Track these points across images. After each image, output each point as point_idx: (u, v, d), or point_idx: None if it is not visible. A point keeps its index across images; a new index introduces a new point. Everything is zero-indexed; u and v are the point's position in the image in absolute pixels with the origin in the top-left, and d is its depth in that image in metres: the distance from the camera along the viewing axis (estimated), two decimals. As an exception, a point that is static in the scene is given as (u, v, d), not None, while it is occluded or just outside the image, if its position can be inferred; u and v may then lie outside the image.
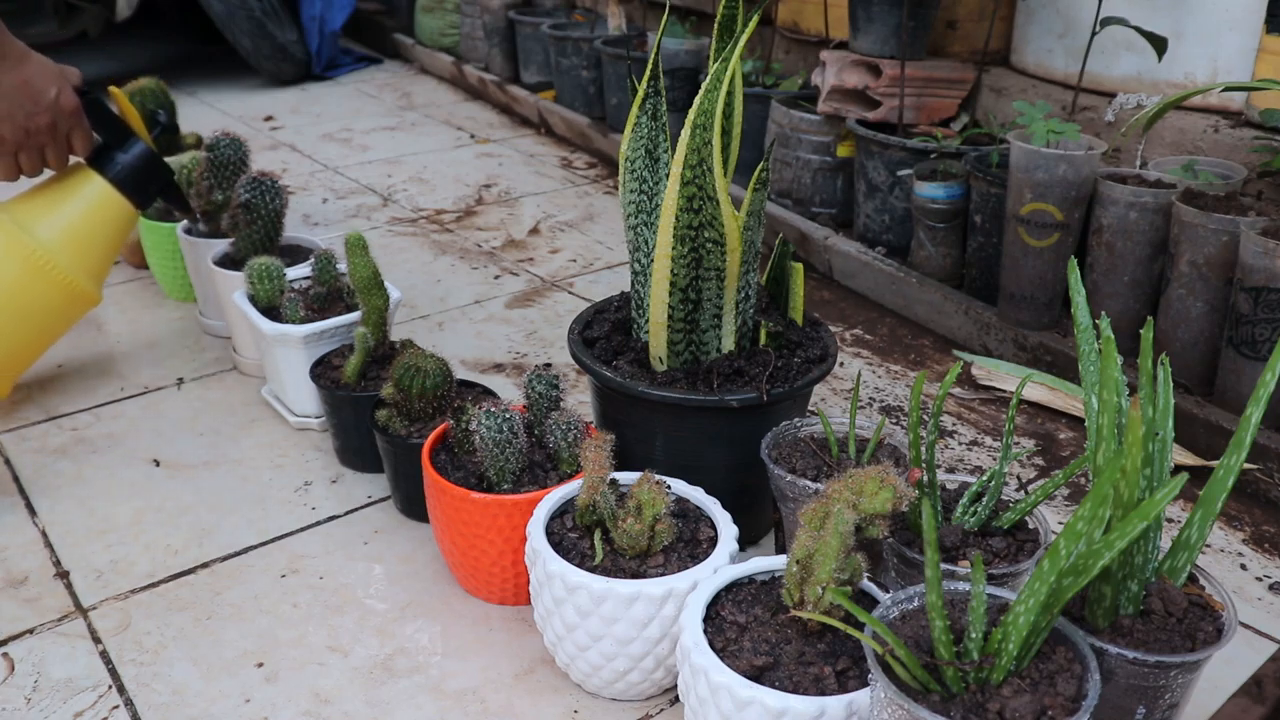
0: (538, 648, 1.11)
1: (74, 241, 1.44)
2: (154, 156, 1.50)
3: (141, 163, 1.48)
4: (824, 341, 1.25)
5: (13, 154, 1.36)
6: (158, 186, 1.52)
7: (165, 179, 1.53)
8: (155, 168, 1.50)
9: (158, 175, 1.51)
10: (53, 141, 1.38)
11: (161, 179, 1.52)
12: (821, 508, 0.85)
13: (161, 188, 1.53)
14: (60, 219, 1.43)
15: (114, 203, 1.47)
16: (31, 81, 1.32)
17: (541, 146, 2.96)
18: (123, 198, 1.47)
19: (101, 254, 1.48)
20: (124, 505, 1.35)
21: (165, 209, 1.86)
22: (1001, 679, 0.75)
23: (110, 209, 1.47)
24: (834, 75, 2.07)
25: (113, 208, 1.47)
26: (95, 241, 1.47)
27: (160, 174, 1.51)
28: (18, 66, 1.31)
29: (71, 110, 1.37)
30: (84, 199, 1.45)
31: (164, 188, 1.54)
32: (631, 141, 1.17)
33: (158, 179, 1.51)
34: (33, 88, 1.32)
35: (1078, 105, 1.87)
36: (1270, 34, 1.69)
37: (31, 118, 1.33)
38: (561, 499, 1.09)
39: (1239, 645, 1.12)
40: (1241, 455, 0.83)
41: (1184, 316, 1.50)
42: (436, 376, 1.26)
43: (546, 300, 1.97)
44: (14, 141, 1.34)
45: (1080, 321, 0.91)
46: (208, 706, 1.04)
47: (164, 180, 1.53)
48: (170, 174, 1.53)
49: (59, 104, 1.35)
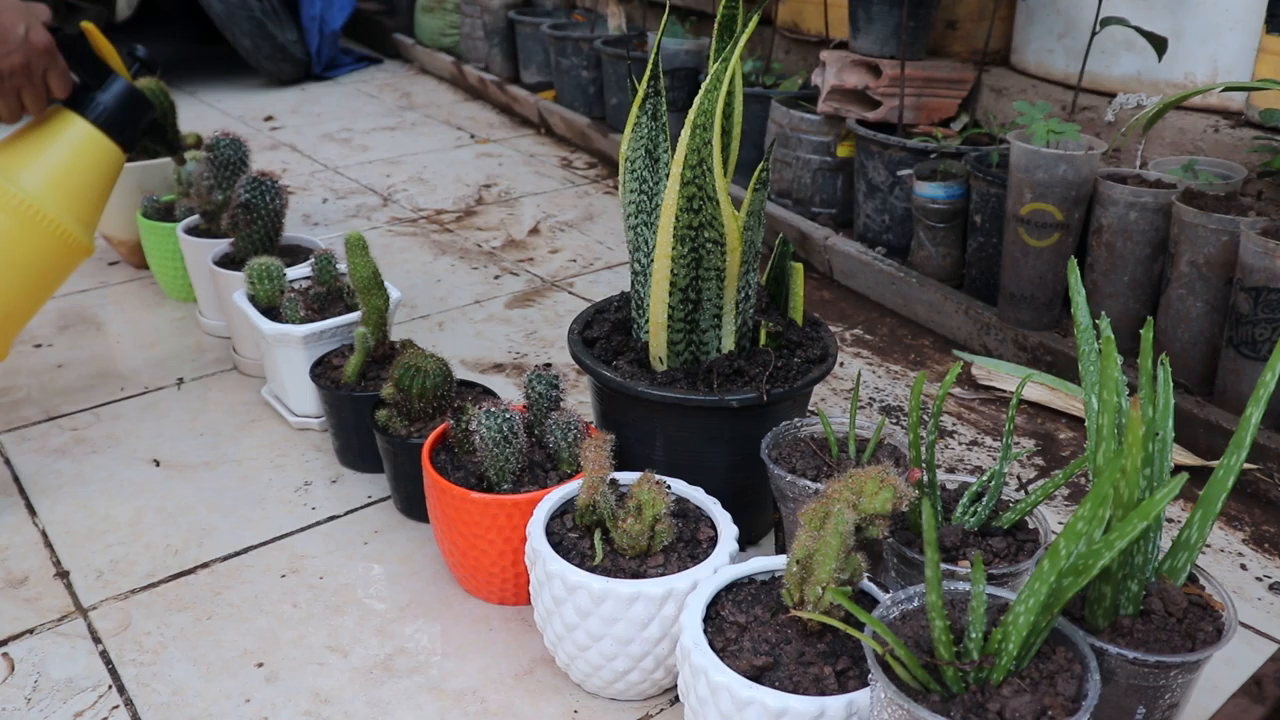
0: (538, 648, 1.11)
1: (62, 189, 1.36)
2: (136, 93, 1.42)
3: (124, 101, 1.40)
4: (824, 341, 1.25)
5: None
6: (143, 125, 1.44)
7: (149, 117, 1.45)
8: (139, 105, 1.42)
9: (142, 113, 1.43)
10: (29, 83, 1.28)
11: (146, 117, 1.44)
12: (821, 508, 0.85)
13: (147, 127, 1.45)
14: (45, 166, 1.35)
15: (99, 146, 1.39)
16: None
17: (541, 146, 2.96)
18: (108, 140, 1.39)
19: (91, 200, 1.41)
20: (124, 505, 1.35)
21: (165, 208, 1.86)
22: (1001, 679, 0.75)
23: (96, 152, 1.39)
24: (834, 75, 2.07)
25: (98, 151, 1.39)
26: (84, 188, 1.39)
27: (144, 112, 1.43)
28: None
29: (45, 47, 1.27)
30: (67, 143, 1.37)
31: (149, 126, 1.46)
32: (631, 141, 1.17)
33: (142, 117, 1.43)
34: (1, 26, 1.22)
35: (1078, 105, 1.87)
36: (1270, 34, 1.69)
37: (2, 59, 1.23)
38: (561, 499, 1.09)
39: (1239, 645, 1.13)
40: (1241, 455, 0.83)
41: (1184, 316, 1.50)
42: (436, 376, 1.26)
43: (546, 300, 1.97)
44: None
45: (1080, 321, 0.91)
46: (208, 706, 1.04)
47: (148, 119, 1.45)
48: (154, 111, 1.45)
49: (30, 41, 1.25)
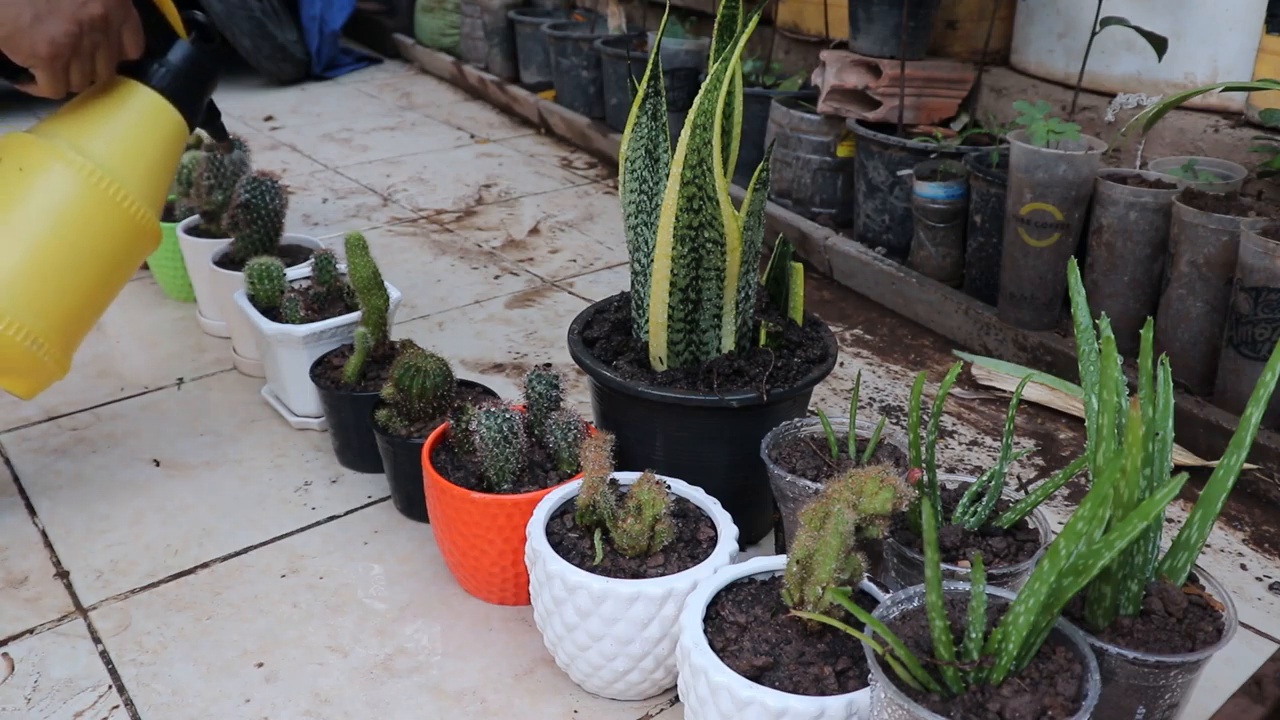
0: (538, 648, 1.11)
1: (134, 163, 1.22)
2: (203, 59, 1.27)
3: (190, 67, 1.26)
4: (824, 341, 1.25)
5: (66, 62, 1.12)
6: (207, 97, 1.31)
7: (212, 88, 1.31)
8: (206, 73, 1.28)
9: (208, 83, 1.29)
10: (105, 40, 1.14)
11: (209, 88, 1.30)
12: (821, 508, 0.85)
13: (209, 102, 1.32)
14: (114, 137, 1.20)
15: (167, 117, 1.25)
16: None
17: (541, 146, 2.96)
18: (175, 111, 1.25)
19: (162, 179, 1.27)
20: (124, 505, 1.35)
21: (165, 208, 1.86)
22: (1001, 679, 0.75)
23: (164, 125, 1.25)
24: (834, 75, 2.07)
25: (166, 123, 1.25)
26: (155, 164, 1.25)
27: (211, 81, 1.29)
28: None
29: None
30: (136, 112, 1.22)
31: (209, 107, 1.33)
32: (631, 141, 1.17)
33: (207, 88, 1.30)
34: None
35: (1078, 105, 1.87)
36: (1270, 34, 1.69)
37: (82, 7, 1.09)
38: (561, 499, 1.09)
39: (1239, 645, 1.13)
40: (1241, 455, 0.83)
41: (1184, 316, 1.50)
42: (436, 376, 1.26)
43: (546, 300, 1.97)
44: (67, 42, 1.10)
45: (1080, 321, 0.91)
46: (208, 706, 1.04)
47: (211, 90, 1.31)
48: (218, 79, 1.31)
49: None
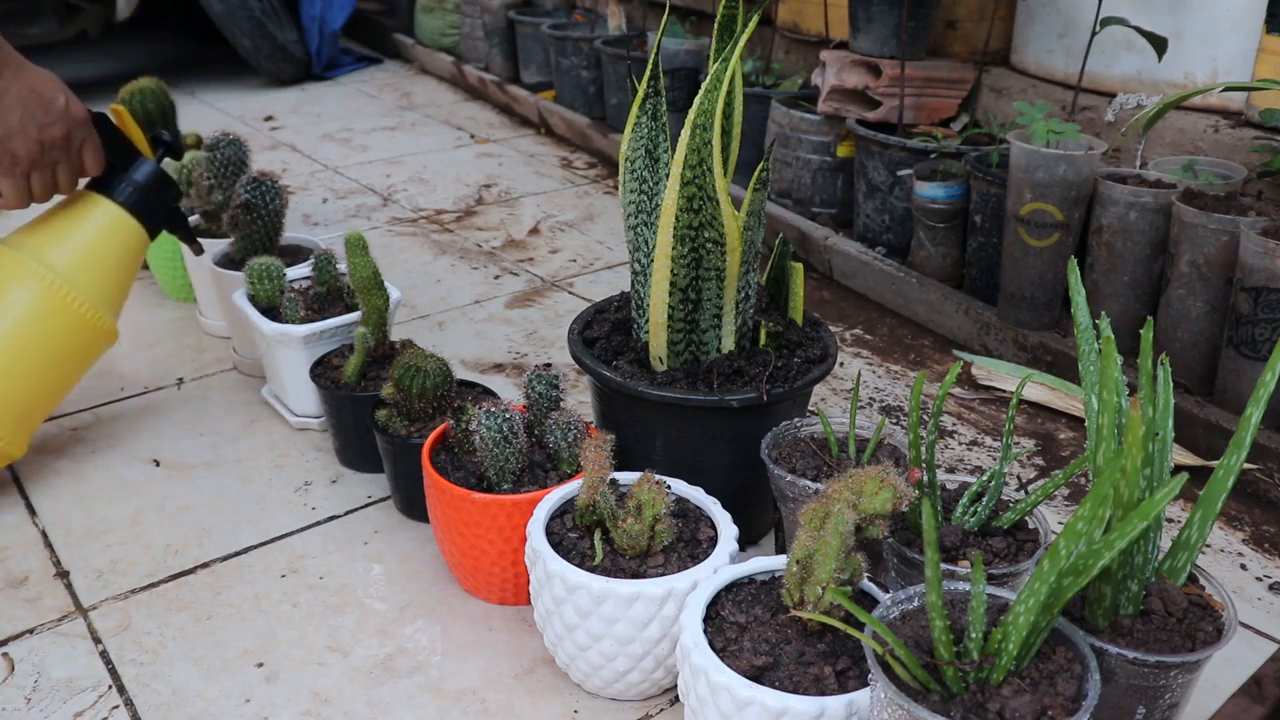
0: (538, 648, 1.11)
1: (93, 272, 1.32)
2: (164, 177, 1.40)
3: (152, 183, 1.38)
4: (824, 341, 1.25)
5: (25, 173, 1.24)
6: (167, 211, 1.42)
7: (174, 203, 1.43)
8: (166, 189, 1.40)
9: (168, 198, 1.41)
10: (66, 157, 1.26)
11: (171, 204, 1.42)
12: (821, 508, 0.85)
13: (170, 214, 1.43)
14: (76, 248, 1.31)
15: (128, 229, 1.36)
16: (39, 90, 1.20)
17: (541, 146, 2.96)
18: (136, 223, 1.36)
19: (119, 286, 1.37)
20: (124, 505, 1.35)
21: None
22: (1001, 679, 0.75)
23: (124, 236, 1.36)
24: (834, 75, 2.07)
25: (126, 235, 1.36)
26: (113, 272, 1.35)
27: (171, 196, 1.41)
28: (20, 75, 1.19)
29: (82, 119, 1.26)
30: (97, 225, 1.34)
31: (172, 215, 1.44)
32: (631, 141, 1.17)
33: (169, 201, 1.41)
34: (42, 96, 1.20)
35: (1078, 105, 1.87)
36: (1270, 34, 1.69)
37: (45, 129, 1.21)
38: (561, 499, 1.09)
39: (1239, 645, 1.12)
40: (1241, 455, 0.83)
41: (1184, 316, 1.50)
42: (436, 376, 1.26)
43: (546, 300, 1.97)
44: (28, 158, 1.21)
45: (1080, 321, 0.91)
46: (208, 706, 1.04)
47: (173, 205, 1.43)
48: (179, 196, 1.43)
49: (70, 112, 1.23)
